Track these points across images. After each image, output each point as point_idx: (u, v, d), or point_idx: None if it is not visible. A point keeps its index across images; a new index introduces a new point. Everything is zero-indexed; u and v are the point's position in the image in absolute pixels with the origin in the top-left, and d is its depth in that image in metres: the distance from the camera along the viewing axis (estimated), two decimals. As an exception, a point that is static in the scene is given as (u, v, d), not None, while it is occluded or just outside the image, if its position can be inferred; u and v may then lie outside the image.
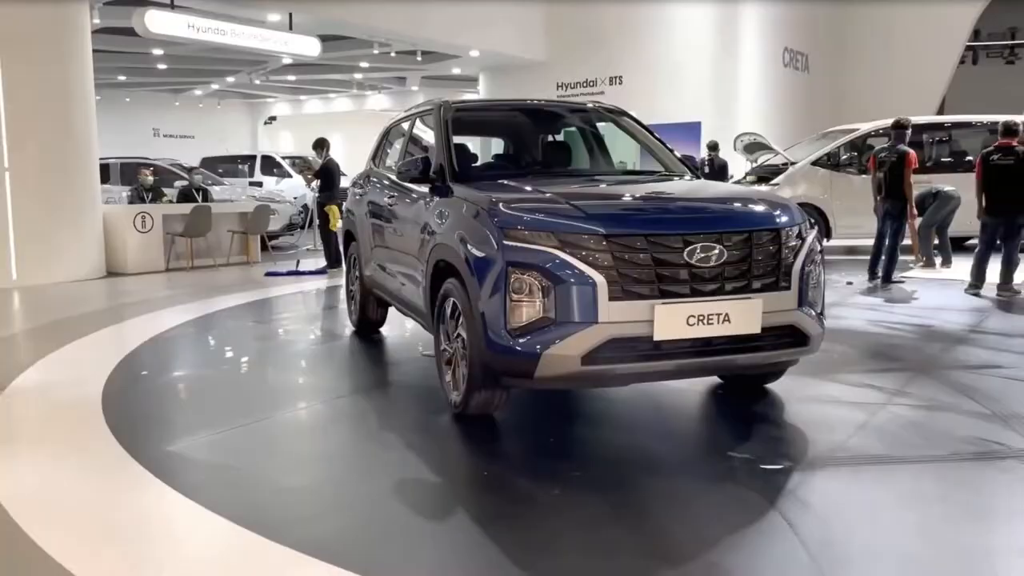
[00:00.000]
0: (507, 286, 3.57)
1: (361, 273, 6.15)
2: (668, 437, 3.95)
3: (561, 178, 4.75)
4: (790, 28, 17.44)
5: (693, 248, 3.56)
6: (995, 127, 12.83)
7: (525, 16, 16.12)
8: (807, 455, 3.50)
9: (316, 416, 4.31)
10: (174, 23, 11.77)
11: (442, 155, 4.67)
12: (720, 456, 3.55)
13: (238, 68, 20.48)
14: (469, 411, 3.99)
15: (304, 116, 29.49)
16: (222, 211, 11.77)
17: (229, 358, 5.95)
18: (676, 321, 3.52)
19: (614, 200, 4.03)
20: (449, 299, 4.11)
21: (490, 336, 3.66)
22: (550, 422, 4.17)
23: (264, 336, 6.68)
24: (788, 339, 3.78)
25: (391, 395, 4.74)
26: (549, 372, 3.54)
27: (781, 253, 3.75)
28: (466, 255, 3.83)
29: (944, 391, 4.49)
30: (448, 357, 4.22)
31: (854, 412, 4.11)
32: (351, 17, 12.54)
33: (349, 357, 5.80)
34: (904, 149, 8.86)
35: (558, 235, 3.56)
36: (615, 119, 5.44)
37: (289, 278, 10.20)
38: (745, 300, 3.61)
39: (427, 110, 5.28)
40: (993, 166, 7.89)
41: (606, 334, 3.47)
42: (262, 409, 4.37)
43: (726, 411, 4.30)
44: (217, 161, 19.93)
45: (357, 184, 6.49)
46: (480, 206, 3.90)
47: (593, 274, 3.47)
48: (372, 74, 20.62)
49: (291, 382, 5.14)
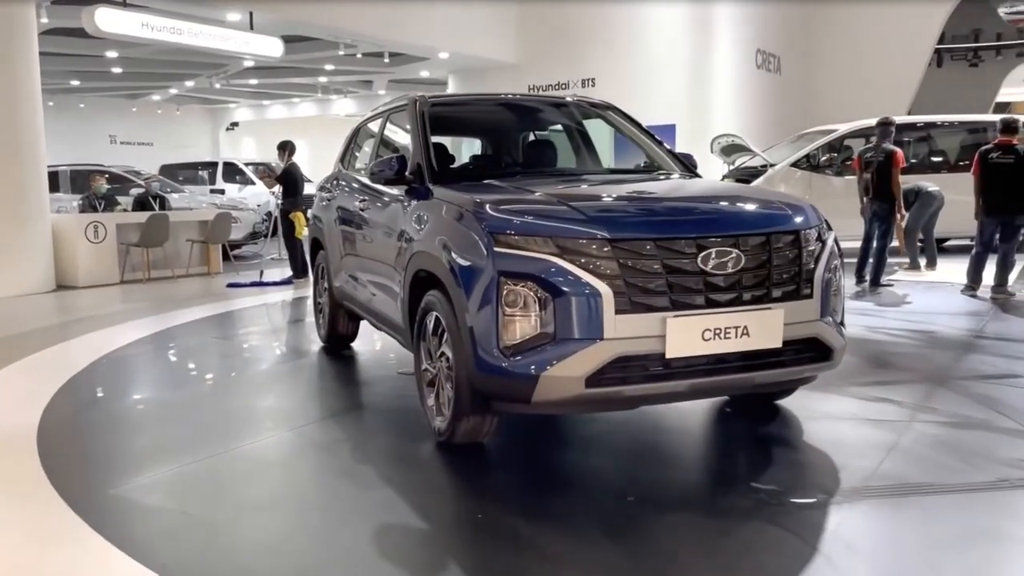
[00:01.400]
0: (499, 298, 3.15)
1: (330, 284, 5.68)
2: (678, 464, 3.55)
3: (550, 177, 4.33)
4: (762, 30, 17.26)
5: (708, 253, 3.17)
6: (974, 127, 12.85)
7: (496, 17, 15.72)
8: (840, 485, 3.11)
9: (283, 447, 3.83)
10: (127, 22, 11.16)
11: (419, 153, 4.24)
12: (741, 487, 3.14)
13: (197, 72, 19.80)
14: (455, 440, 3.55)
15: (267, 121, 28.76)
16: (181, 219, 11.20)
17: (187, 379, 5.43)
18: (690, 336, 3.12)
19: (617, 201, 3.63)
20: (431, 313, 3.68)
21: (480, 355, 3.23)
22: (544, 449, 3.75)
23: (226, 353, 6.18)
24: (810, 353, 3.40)
25: (366, 420, 4.28)
26: (548, 396, 3.12)
27: (802, 257, 3.38)
28: (451, 264, 3.41)
29: (968, 405, 4.14)
30: (430, 378, 3.78)
31: (878, 431, 3.74)
32: (315, 17, 12.03)
33: (318, 377, 5.32)
34: (891, 148, 8.60)
35: (556, 240, 3.15)
36: (601, 114, 5.05)
37: (252, 289, 9.68)
38: (765, 311, 3.23)
39: (401, 106, 4.84)
40: (992, 164, 7.63)
41: (613, 352, 3.06)
42: (223, 439, 3.89)
43: (738, 433, 3.91)
44: (177, 168, 19.26)
45: (324, 188, 6.02)
46: (465, 208, 3.48)
47: (597, 284, 3.07)
48: (337, 77, 20.07)
49: (255, 407, 4.65)
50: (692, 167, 4.67)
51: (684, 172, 4.56)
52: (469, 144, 6.11)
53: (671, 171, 4.56)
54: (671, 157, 4.69)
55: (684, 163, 4.66)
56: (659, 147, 4.77)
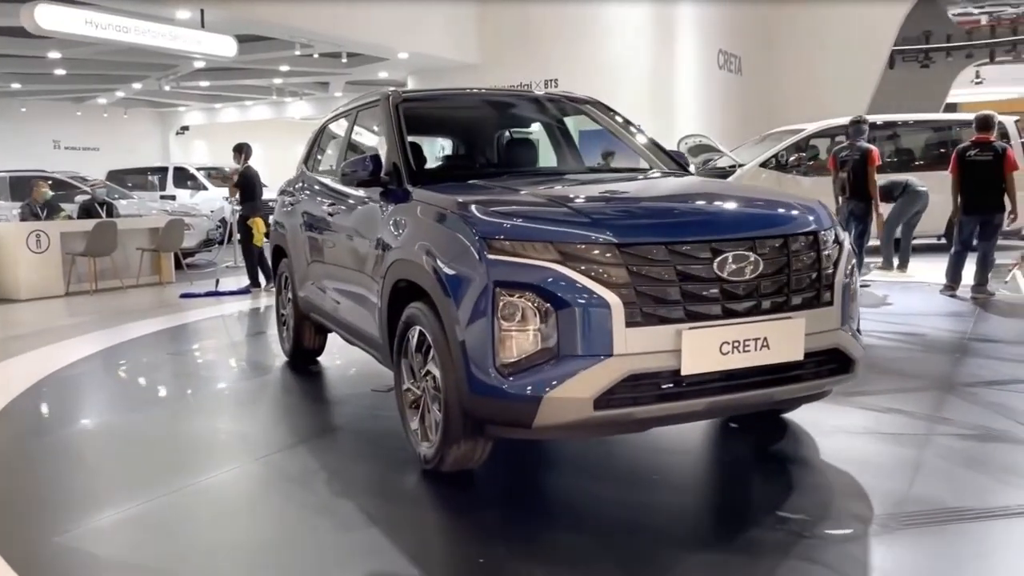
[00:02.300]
0: (495, 311, 2.82)
1: (294, 294, 5.28)
2: (690, 490, 3.24)
3: (538, 177, 4.02)
4: (723, 30, 17.20)
5: (724, 258, 2.87)
6: (939, 125, 12.87)
7: (456, 16, 15.37)
8: (873, 512, 2.83)
9: (251, 480, 3.44)
10: (69, 19, 10.57)
11: (395, 153, 3.88)
12: (766, 516, 2.84)
13: (146, 73, 19.05)
14: (444, 468, 3.21)
15: (219, 125, 27.94)
16: (130, 227, 10.63)
17: (141, 402, 4.97)
18: (708, 350, 2.82)
19: (621, 202, 3.32)
20: (413, 327, 3.33)
21: (473, 374, 2.89)
22: (538, 474, 3.42)
23: (183, 371, 5.72)
24: (831, 365, 3.12)
25: (340, 445, 3.89)
26: (552, 420, 2.79)
27: (821, 261, 3.10)
28: (437, 273, 3.06)
29: (983, 414, 3.92)
30: (414, 399, 3.43)
31: (898, 447, 3.49)
32: (270, 15, 11.54)
33: (284, 396, 4.92)
34: (866, 147, 8.45)
35: (557, 245, 2.82)
36: (584, 109, 4.75)
37: (208, 300, 9.19)
38: (785, 320, 2.94)
39: (371, 102, 4.48)
40: (970, 162, 7.51)
41: (624, 369, 2.75)
42: (182, 473, 3.48)
43: (748, 452, 3.62)
44: (125, 174, 18.56)
45: (287, 192, 5.62)
46: (451, 211, 3.14)
47: (605, 294, 2.75)
48: (292, 79, 19.49)
49: (217, 433, 4.23)
50: (685, 165, 4.40)
51: (678, 170, 4.27)
52: (439, 144, 5.72)
53: (664, 169, 4.27)
54: (663, 154, 4.40)
55: (676, 161, 4.38)
56: (650, 143, 4.49)
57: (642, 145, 4.49)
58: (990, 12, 26.05)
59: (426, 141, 5.23)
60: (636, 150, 4.54)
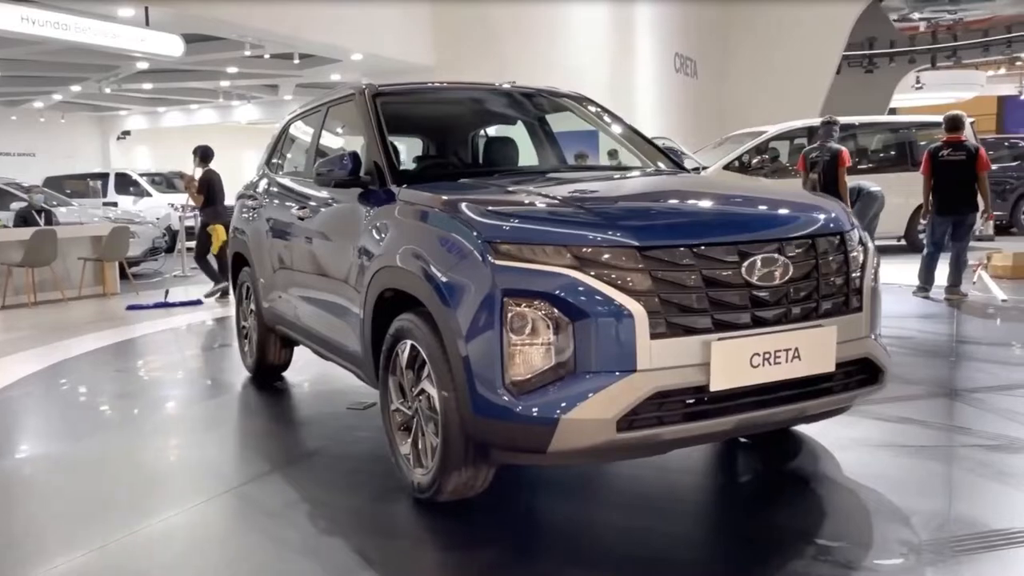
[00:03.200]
0: (503, 323, 2.52)
1: (258, 305, 4.90)
2: (711, 516, 2.98)
3: (533, 176, 3.72)
4: (679, 34, 17.18)
5: (752, 262, 2.62)
6: (894, 127, 12.96)
7: (411, 17, 15.00)
8: (920, 537, 2.58)
9: (220, 517, 3.06)
10: (3, 15, 9.93)
11: (376, 150, 3.55)
12: (805, 546, 2.58)
13: (85, 75, 18.22)
14: (442, 497, 2.89)
15: (162, 130, 27.03)
16: (70, 235, 10.03)
17: (88, 428, 4.50)
18: (737, 362, 2.56)
19: (637, 201, 3.05)
20: (404, 341, 3.01)
21: (479, 394, 2.59)
22: (541, 500, 3.11)
23: (135, 391, 5.27)
24: (861, 376, 2.90)
25: (320, 472, 3.51)
26: (570, 444, 2.50)
27: (849, 264, 2.87)
28: (435, 282, 2.75)
29: (998, 422, 3.74)
30: (404, 421, 3.10)
31: (923, 461, 3.28)
32: (220, 13, 11.02)
33: (251, 417, 4.52)
34: (836, 148, 8.38)
35: (572, 249, 2.53)
36: (576, 106, 4.48)
37: (156, 312, 8.68)
38: (816, 328, 2.71)
39: (344, 96, 4.14)
40: (943, 162, 7.44)
41: (649, 386, 2.47)
42: (139, 511, 3.09)
43: (765, 471, 3.36)
44: (63, 180, 17.78)
45: (248, 196, 5.23)
46: (450, 213, 2.82)
47: (628, 302, 2.47)
48: (240, 81, 18.85)
49: (178, 461, 3.83)
50: (681, 163, 4.15)
51: (674, 168, 4.02)
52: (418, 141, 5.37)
53: (661, 166, 4.01)
54: (659, 152, 4.15)
55: (671, 158, 4.13)
56: (645, 140, 4.23)
57: (640, 142, 4.23)
58: (929, 19, 26.67)
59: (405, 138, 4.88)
60: (631, 146, 4.28)
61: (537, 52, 15.04)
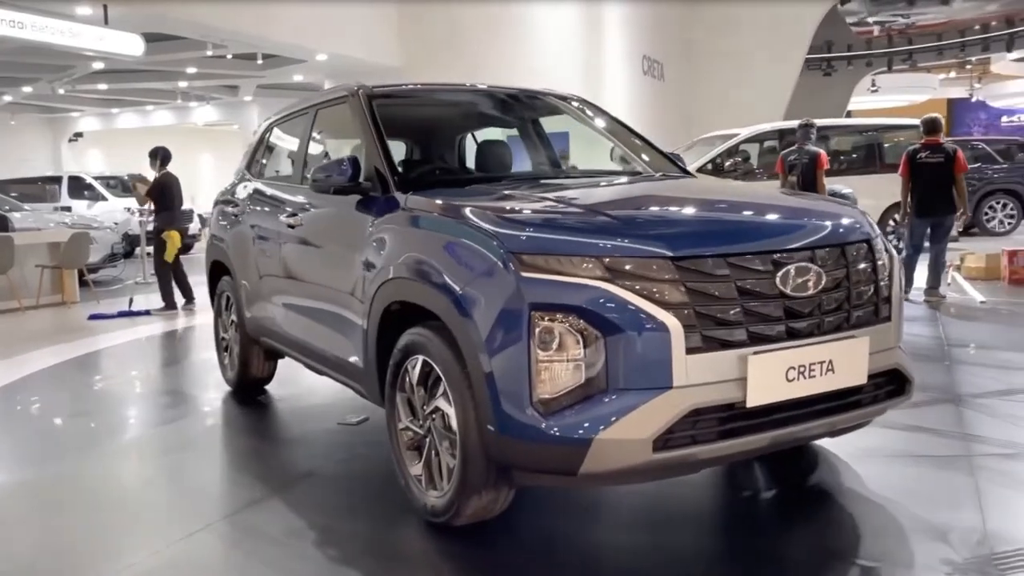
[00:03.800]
0: (531, 339, 2.38)
1: (241, 316, 4.68)
2: (740, 534, 2.86)
3: (542, 181, 3.59)
4: (647, 36, 17.20)
5: (786, 271, 2.52)
6: (862, 129, 13.10)
7: (377, 17, 14.77)
8: (960, 554, 2.50)
9: (220, 547, 2.85)
10: (-46, 13, 9.53)
11: (376, 155, 3.38)
12: (846, 566, 2.48)
13: (37, 75, 17.61)
14: (459, 521, 2.74)
15: (117, 131, 26.30)
16: (27, 242, 9.62)
17: (57, 452, 4.25)
18: (774, 376, 2.47)
19: (665, 208, 2.93)
20: (415, 356, 2.85)
21: (505, 412, 2.45)
22: (557, 520, 2.96)
23: (102, 410, 4.99)
24: (890, 387, 2.82)
25: (321, 495, 3.30)
26: (603, 465, 2.37)
27: (877, 273, 2.80)
28: (454, 295, 2.59)
29: (1010, 429, 3.71)
30: (414, 440, 2.95)
31: (945, 472, 3.22)
32: (182, 12, 10.70)
33: (238, 436, 4.30)
34: (815, 150, 8.40)
35: (604, 260, 2.40)
36: (570, 108, 4.36)
37: (120, 321, 8.35)
38: (849, 339, 2.62)
39: (334, 99, 3.97)
40: (921, 165, 7.49)
41: (686, 403, 2.36)
42: (127, 545, 2.88)
43: (785, 485, 3.25)
44: (12, 184, 17.13)
45: (227, 202, 5.01)
46: (468, 223, 2.68)
47: (663, 316, 2.35)
48: (199, 82, 18.39)
49: (165, 486, 3.60)
50: (684, 167, 4.06)
51: (680, 173, 3.92)
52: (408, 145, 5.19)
53: (669, 172, 3.90)
54: (663, 156, 4.05)
55: (676, 163, 4.03)
56: (647, 144, 4.13)
57: (641, 147, 4.12)
58: (883, 22, 27.18)
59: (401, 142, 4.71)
60: (635, 152, 4.17)
61: (505, 53, 14.92)
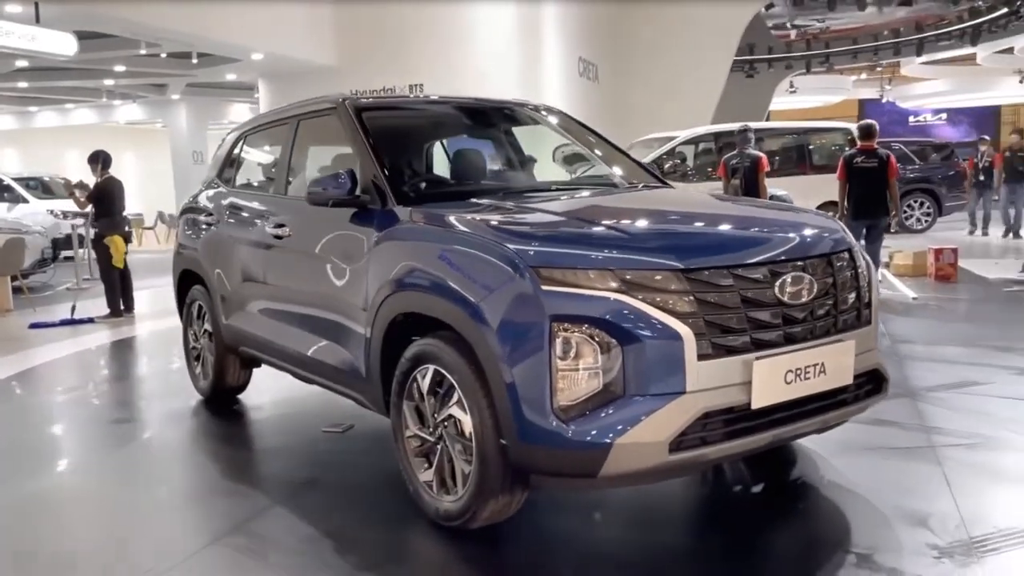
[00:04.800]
0: (552, 349, 2.50)
1: (217, 324, 4.65)
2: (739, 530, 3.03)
3: (537, 194, 3.71)
4: (582, 37, 17.45)
5: (783, 281, 2.72)
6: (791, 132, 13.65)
7: (313, 16, 14.62)
8: (942, 539, 2.72)
9: (243, 560, 2.88)
10: None
11: (372, 168, 3.45)
12: (842, 555, 2.67)
13: (-49, 73, 16.83)
14: (474, 524, 2.84)
15: (35, 130, 25.26)
16: (-45, 248, 9.25)
17: (35, 468, 4.17)
18: (775, 380, 2.66)
19: (670, 222, 3.09)
20: (425, 366, 2.94)
21: (526, 419, 2.56)
22: (570, 522, 3.08)
23: (69, 423, 4.90)
24: (870, 386, 3.06)
25: (327, 503, 3.30)
26: (622, 467, 2.52)
27: (859, 280, 3.02)
28: (473, 307, 2.69)
29: (967, 420, 4.00)
30: (422, 447, 3.04)
31: (915, 463, 3.48)
32: (117, 10, 10.39)
33: (220, 446, 4.25)
34: (756, 154, 8.75)
35: (619, 273, 2.55)
36: (547, 120, 4.50)
37: (63, 330, 8.11)
38: (837, 343, 2.84)
39: (318, 111, 4.01)
40: (857, 169, 7.89)
41: (699, 407, 2.52)
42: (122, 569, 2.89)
43: (769, 481, 3.44)
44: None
45: (197, 211, 4.97)
46: (482, 236, 2.79)
47: (676, 325, 2.51)
48: (127, 80, 17.84)
49: (153, 505, 3.59)
50: (663, 179, 4.23)
51: (659, 184, 4.10)
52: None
53: (648, 183, 4.07)
54: (641, 168, 4.22)
55: (654, 174, 4.21)
56: (625, 156, 4.30)
57: (617, 157, 4.29)
58: (800, 27, 28.22)
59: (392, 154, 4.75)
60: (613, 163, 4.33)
61: (442, 53, 14.93)
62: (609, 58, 18.84)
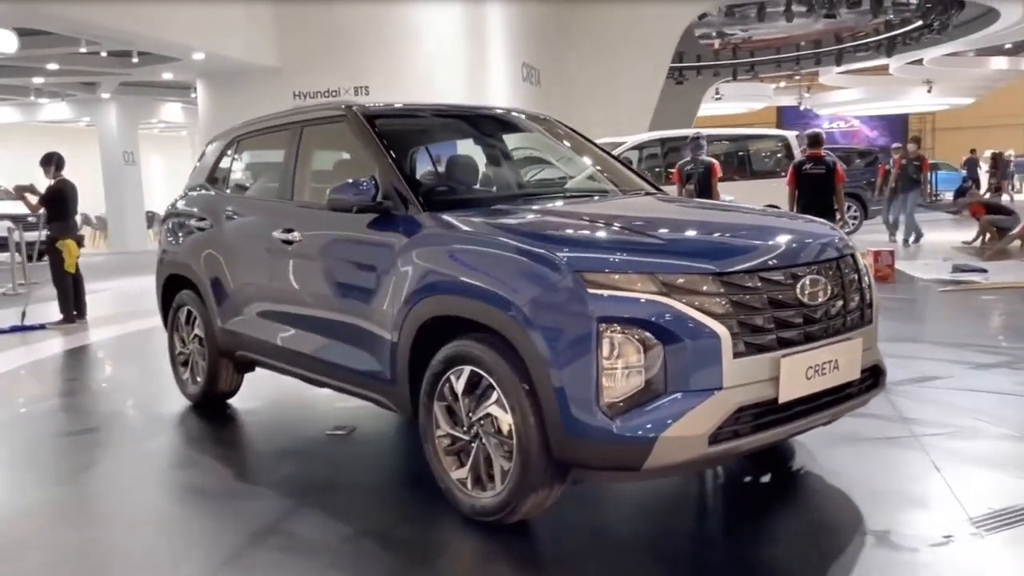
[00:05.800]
0: (599, 349, 2.65)
1: (210, 329, 4.63)
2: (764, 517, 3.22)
3: (554, 200, 3.86)
4: (525, 41, 17.65)
5: (803, 283, 2.94)
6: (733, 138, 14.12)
7: (256, 16, 14.41)
8: (947, 519, 2.97)
9: (281, 563, 2.92)
10: None
11: (391, 175, 3.53)
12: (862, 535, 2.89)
13: None
14: (513, 518, 2.96)
15: (-52, 129, 24.10)
16: None
17: (47, 478, 4.09)
18: (798, 375, 2.89)
19: (700, 228, 3.27)
20: (461, 367, 3.05)
21: (573, 416, 2.71)
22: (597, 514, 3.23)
23: (63, 434, 4.80)
24: (871, 380, 3.31)
25: (358, 503, 3.33)
26: (666, 460, 2.68)
27: (862, 281, 3.27)
28: (517, 310, 2.81)
29: (939, 411, 4.30)
30: (453, 446, 3.14)
31: (904, 451, 3.75)
32: (59, 9, 10.08)
33: (227, 450, 4.25)
34: (708, 160, 9.08)
35: (660, 277, 2.71)
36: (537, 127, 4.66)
37: (13, 336, 7.86)
38: (848, 341, 3.08)
39: (325, 118, 4.07)
40: (805, 175, 8.30)
41: (734, 402, 2.72)
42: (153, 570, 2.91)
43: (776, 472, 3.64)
44: None
45: (185, 215, 4.94)
46: (526, 243, 2.92)
47: (714, 325, 2.69)
48: (57, 78, 17.19)
49: (178, 507, 3.58)
50: (656, 185, 4.43)
51: (659, 191, 4.29)
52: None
53: (643, 189, 4.26)
54: (637, 176, 4.41)
55: (651, 183, 4.40)
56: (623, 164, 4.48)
57: (613, 165, 4.47)
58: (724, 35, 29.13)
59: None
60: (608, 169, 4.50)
61: (387, 56, 14.87)
62: (551, 63, 19.10)
